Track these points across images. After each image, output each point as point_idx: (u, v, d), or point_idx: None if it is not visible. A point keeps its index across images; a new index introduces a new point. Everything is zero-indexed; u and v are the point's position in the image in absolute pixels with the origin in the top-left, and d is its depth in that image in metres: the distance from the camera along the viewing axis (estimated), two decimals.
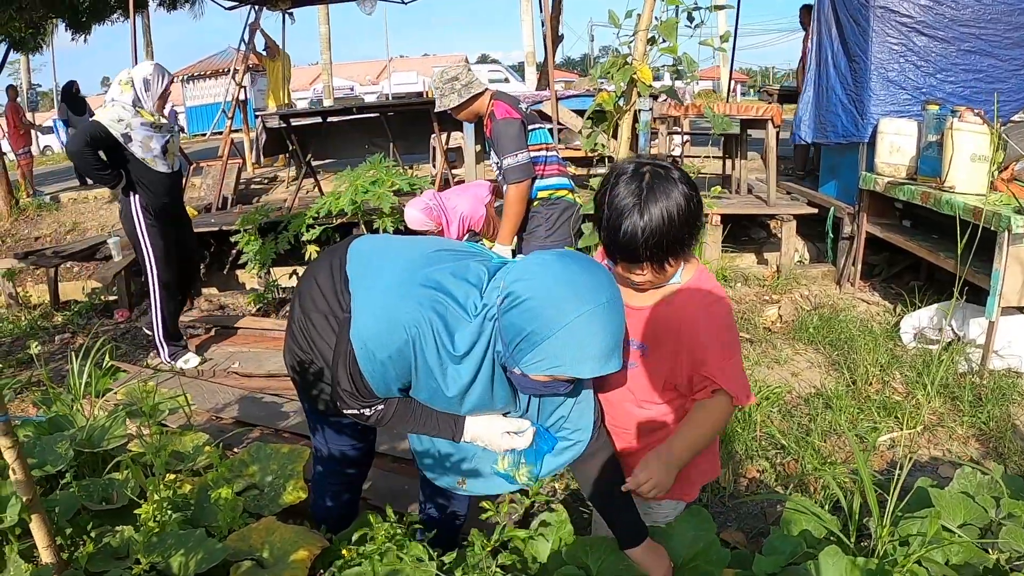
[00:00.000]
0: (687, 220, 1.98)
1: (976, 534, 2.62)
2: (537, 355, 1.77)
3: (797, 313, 6.21)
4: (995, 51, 6.50)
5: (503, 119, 4.33)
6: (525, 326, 1.77)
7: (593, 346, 1.75)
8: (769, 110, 7.31)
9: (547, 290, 1.76)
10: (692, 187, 2.01)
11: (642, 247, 1.96)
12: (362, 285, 2.08)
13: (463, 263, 2.02)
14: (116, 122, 5.06)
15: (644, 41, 3.75)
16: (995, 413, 4.45)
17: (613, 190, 1.99)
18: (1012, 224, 4.76)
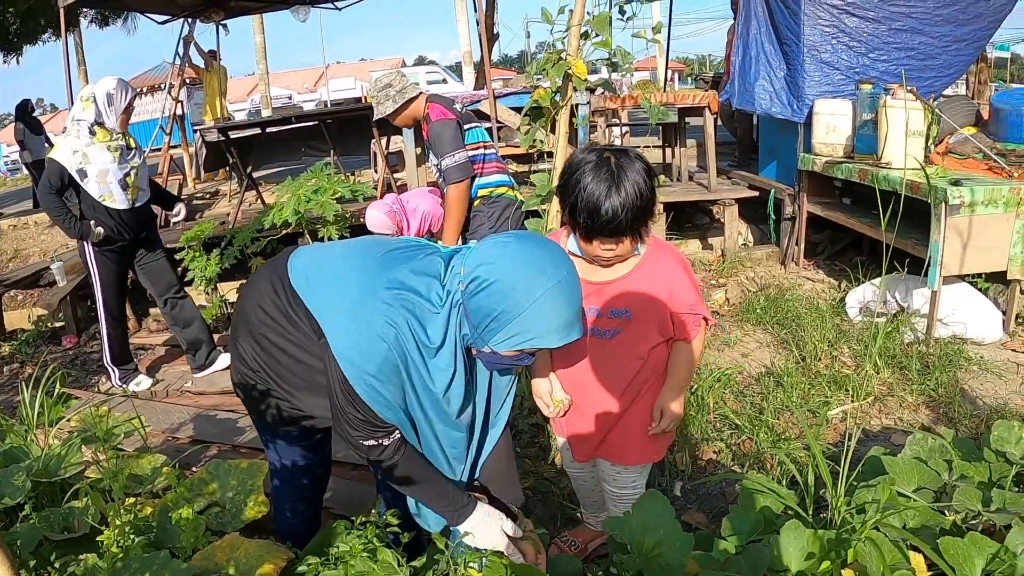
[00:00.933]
0: (651, 190, 2.28)
1: (931, 497, 2.69)
2: (508, 332, 1.87)
3: (744, 295, 6.31)
4: (925, 28, 6.65)
5: (438, 120, 4.37)
6: (495, 307, 1.86)
7: (559, 318, 1.86)
8: (706, 97, 7.40)
9: (511, 271, 1.85)
10: (646, 162, 2.30)
11: (624, 221, 2.23)
12: (324, 305, 2.08)
13: (419, 259, 2.08)
14: (71, 155, 4.83)
15: (577, 36, 3.78)
16: (943, 379, 4.56)
17: (583, 178, 2.23)
18: (949, 196, 4.87)
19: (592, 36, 3.73)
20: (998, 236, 5.05)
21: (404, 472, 2.18)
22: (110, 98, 4.90)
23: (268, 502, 2.85)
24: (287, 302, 2.19)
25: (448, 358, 2.01)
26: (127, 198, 5.03)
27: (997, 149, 6.05)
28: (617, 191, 2.19)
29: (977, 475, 2.82)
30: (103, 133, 4.90)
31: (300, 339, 2.17)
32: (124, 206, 5.02)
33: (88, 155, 4.84)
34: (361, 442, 2.11)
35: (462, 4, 22.02)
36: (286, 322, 2.19)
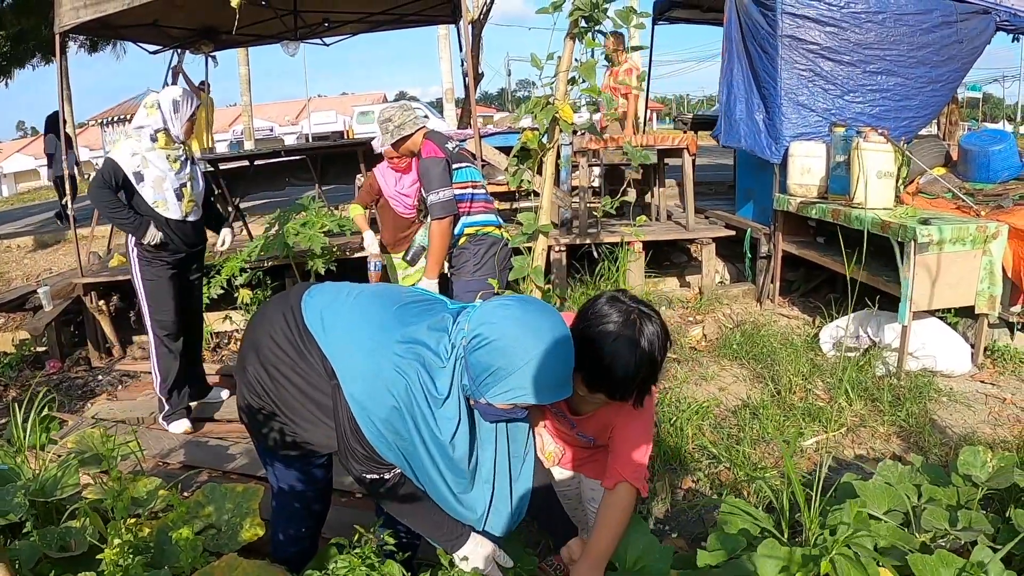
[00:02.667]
0: (663, 358, 2.31)
1: (900, 519, 2.81)
2: (503, 387, 2.04)
3: (720, 331, 6.43)
4: (900, 70, 6.85)
5: (428, 157, 4.50)
6: (493, 363, 2.02)
7: (551, 377, 2.04)
8: (684, 139, 7.57)
9: (510, 332, 2.03)
10: (663, 324, 2.32)
11: (635, 389, 2.31)
12: (340, 351, 2.24)
13: (434, 314, 2.26)
14: (130, 156, 4.64)
15: (565, 82, 3.94)
16: (914, 410, 4.70)
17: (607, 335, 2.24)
18: (918, 234, 5.04)
19: (579, 82, 3.89)
20: (966, 272, 5.22)
21: (402, 503, 2.33)
22: (176, 105, 4.75)
23: (263, 525, 2.94)
24: (300, 338, 2.34)
25: (454, 408, 2.15)
26: (181, 209, 4.82)
27: (965, 189, 6.25)
28: (638, 362, 2.22)
29: (945, 498, 2.96)
30: (165, 140, 4.73)
31: (310, 375, 2.32)
32: (177, 216, 4.80)
33: (147, 159, 4.67)
34: (364, 475, 2.26)
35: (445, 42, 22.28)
36: (297, 357, 2.34)
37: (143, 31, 9.67)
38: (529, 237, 4.06)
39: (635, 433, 2.53)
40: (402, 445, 2.15)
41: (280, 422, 2.43)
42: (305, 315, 2.35)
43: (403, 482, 2.28)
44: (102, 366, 7.09)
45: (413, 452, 2.16)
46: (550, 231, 4.04)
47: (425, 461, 2.18)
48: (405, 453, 2.17)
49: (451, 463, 2.21)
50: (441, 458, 2.19)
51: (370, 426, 2.13)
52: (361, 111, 33.18)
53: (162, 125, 4.71)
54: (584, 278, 7.23)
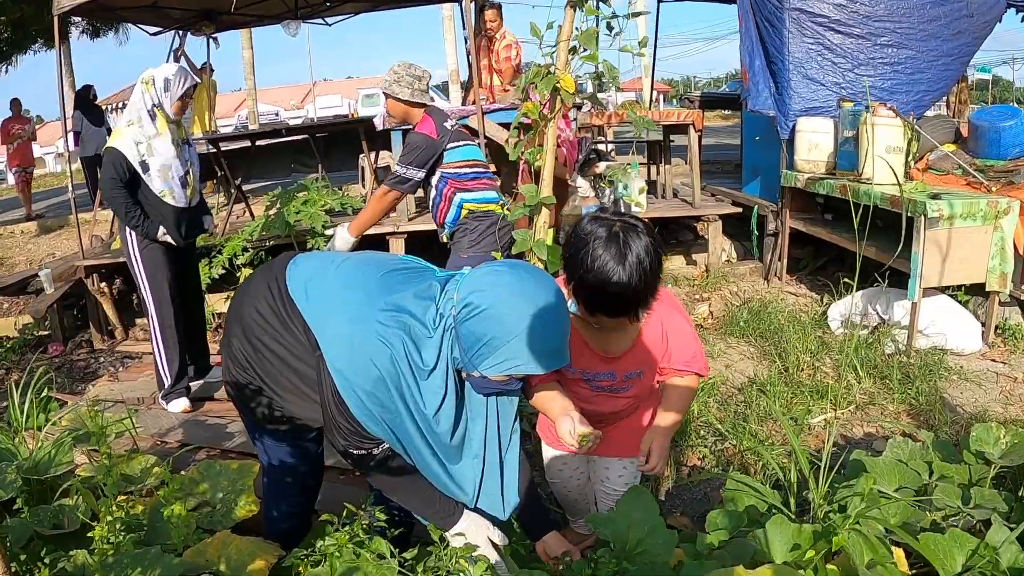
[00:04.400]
0: (659, 267, 2.28)
1: (911, 496, 2.74)
2: (498, 357, 1.96)
3: (727, 309, 6.36)
4: (911, 43, 6.72)
5: (418, 132, 4.45)
6: (485, 333, 1.95)
7: (547, 344, 1.96)
8: (690, 115, 7.49)
9: (503, 299, 1.95)
10: (653, 235, 2.29)
11: (632, 305, 2.26)
12: (323, 320, 2.16)
13: (421, 281, 2.17)
14: (134, 146, 4.51)
15: (566, 51, 3.83)
16: (923, 388, 4.63)
17: (592, 253, 2.22)
18: (928, 209, 4.96)
19: (580, 51, 3.79)
20: (976, 249, 5.14)
21: (391, 481, 2.26)
22: (167, 83, 4.56)
23: (258, 503, 2.88)
24: (283, 308, 2.25)
25: (440, 380, 2.08)
26: (186, 196, 4.75)
27: (976, 165, 6.15)
28: (628, 275, 2.18)
29: (957, 476, 2.89)
30: (163, 118, 4.60)
31: (294, 346, 2.24)
32: (183, 204, 4.73)
33: (152, 147, 4.56)
34: (351, 451, 2.19)
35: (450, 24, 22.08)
36: (281, 327, 2.26)
37: (142, 13, 9.57)
38: (532, 210, 3.97)
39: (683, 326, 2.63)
40: (388, 418, 2.07)
41: (266, 395, 2.36)
42: (289, 284, 2.27)
43: (392, 456, 2.21)
44: (104, 348, 7.06)
45: (400, 425, 2.09)
46: (552, 203, 3.95)
47: (413, 434, 2.11)
48: (392, 426, 2.09)
49: (436, 437, 2.14)
50: (428, 431, 2.12)
51: (354, 398, 2.05)
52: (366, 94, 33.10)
53: (157, 101, 4.58)
54: None
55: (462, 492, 2.26)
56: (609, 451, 2.82)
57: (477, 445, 2.25)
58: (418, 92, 4.48)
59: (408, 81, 4.46)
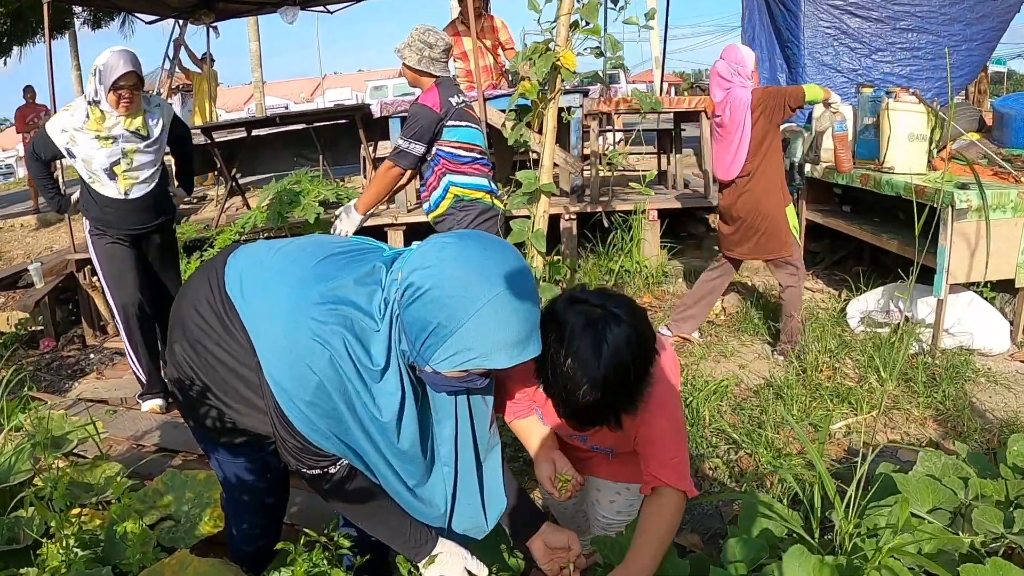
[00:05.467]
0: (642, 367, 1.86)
1: (946, 519, 2.49)
2: (448, 349, 1.61)
3: (741, 305, 6.09)
4: (932, 27, 6.46)
5: (421, 104, 4.17)
6: (430, 319, 1.60)
7: (507, 332, 1.61)
8: (702, 102, 7.19)
9: (450, 276, 1.61)
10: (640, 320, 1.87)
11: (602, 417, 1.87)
12: (255, 321, 1.84)
13: (363, 264, 1.82)
14: (60, 132, 4.26)
15: (566, 25, 3.54)
16: (950, 392, 4.36)
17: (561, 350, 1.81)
18: (956, 200, 4.68)
19: (582, 24, 3.50)
20: (1006, 242, 4.83)
21: (353, 503, 1.94)
22: (99, 73, 4.14)
23: (224, 518, 2.63)
24: (222, 308, 1.94)
25: (395, 381, 1.75)
26: (118, 188, 4.39)
27: (1002, 155, 5.86)
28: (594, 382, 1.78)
29: (995, 493, 2.62)
30: (97, 113, 4.23)
31: (237, 351, 1.93)
32: (114, 194, 4.39)
33: (75, 139, 4.27)
34: (304, 471, 1.87)
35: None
36: (222, 330, 1.95)
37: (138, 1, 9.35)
38: (530, 198, 3.68)
39: (661, 425, 2.09)
40: (338, 430, 1.75)
41: (215, 406, 2.06)
42: (226, 280, 1.94)
43: (351, 476, 1.89)
44: (95, 344, 6.86)
45: (352, 439, 1.77)
46: (553, 191, 3.67)
47: (368, 449, 1.79)
48: (344, 439, 1.77)
49: (396, 450, 1.81)
50: (385, 444, 1.80)
51: (295, 410, 1.73)
52: (375, 86, 32.86)
53: (93, 96, 4.22)
54: (596, 248, 6.86)
55: (432, 510, 1.95)
56: (600, 472, 2.48)
57: (447, 452, 1.93)
58: (427, 60, 4.18)
59: (418, 47, 4.17)
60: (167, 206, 4.73)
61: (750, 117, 4.73)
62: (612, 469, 2.44)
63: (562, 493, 2.17)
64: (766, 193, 4.87)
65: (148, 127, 4.44)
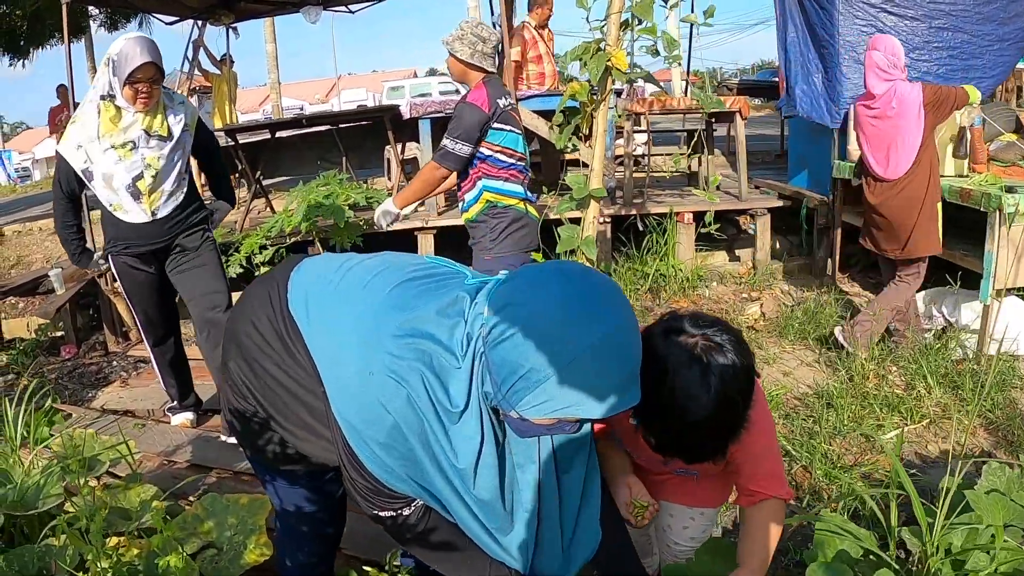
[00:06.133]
0: (748, 396, 1.78)
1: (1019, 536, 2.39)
2: (538, 396, 1.45)
3: (779, 309, 5.98)
4: (967, 26, 6.34)
5: (469, 103, 4.03)
6: (521, 362, 1.44)
7: (607, 381, 1.44)
8: (736, 102, 7.08)
9: (545, 317, 1.44)
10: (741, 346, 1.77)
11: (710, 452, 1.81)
12: (323, 349, 1.72)
13: (445, 293, 1.67)
14: (75, 150, 3.69)
15: (617, 24, 3.43)
16: (999, 400, 4.27)
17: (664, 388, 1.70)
18: (1003, 203, 4.56)
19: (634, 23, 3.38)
20: None
21: (432, 548, 1.81)
22: (113, 64, 3.57)
23: (271, 545, 2.50)
24: (284, 327, 1.82)
25: (474, 423, 1.61)
26: (143, 209, 3.81)
27: None
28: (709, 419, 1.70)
29: None
30: (111, 110, 3.65)
31: (300, 375, 1.80)
32: (141, 219, 3.83)
33: (91, 155, 3.68)
34: (376, 513, 1.75)
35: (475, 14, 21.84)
36: (283, 351, 1.82)
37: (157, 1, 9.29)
38: (579, 204, 3.56)
39: (760, 443, 2.00)
40: (413, 473, 1.63)
41: (274, 430, 1.92)
42: (290, 297, 1.81)
43: (427, 517, 1.75)
44: (118, 351, 6.76)
45: (429, 482, 1.64)
46: (603, 196, 3.55)
47: (446, 493, 1.65)
48: (419, 481, 1.65)
49: (474, 496, 1.67)
50: (463, 490, 1.66)
51: (367, 452, 1.61)
52: (391, 86, 32.84)
53: (107, 90, 3.64)
54: (630, 252, 6.75)
55: (512, 559, 1.79)
56: (675, 497, 2.35)
57: (530, 500, 1.77)
58: (479, 55, 4.06)
59: (471, 40, 4.04)
60: (190, 219, 4.10)
61: (922, 113, 4.63)
62: (690, 492, 2.33)
63: (638, 519, 2.06)
64: (925, 191, 4.74)
65: (168, 127, 3.86)
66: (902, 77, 4.73)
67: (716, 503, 2.37)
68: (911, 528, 2.38)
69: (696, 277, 6.49)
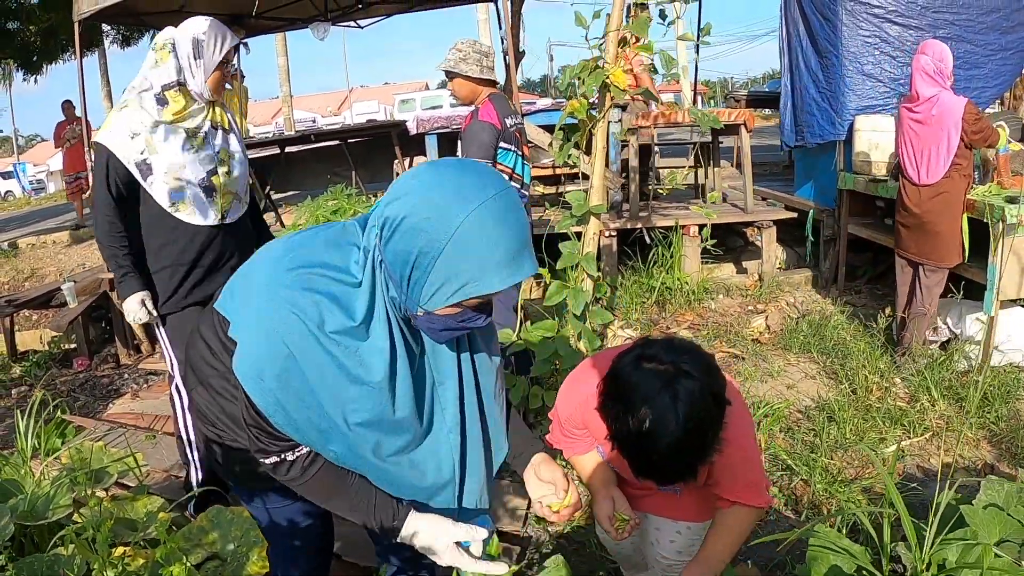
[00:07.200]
0: (718, 420, 1.82)
1: (1015, 552, 2.39)
2: (434, 280, 1.48)
3: (784, 321, 5.98)
4: (970, 36, 6.37)
5: (483, 121, 4.03)
6: (410, 248, 1.47)
7: (493, 248, 1.46)
8: (742, 114, 7.09)
9: (424, 201, 1.47)
10: (711, 371, 1.82)
11: (679, 474, 1.85)
12: (234, 309, 1.70)
13: (332, 227, 1.71)
14: (129, 140, 3.12)
15: (615, 42, 3.46)
16: (1003, 412, 4.27)
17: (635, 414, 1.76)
18: (1006, 214, 4.56)
19: (631, 41, 3.41)
20: None
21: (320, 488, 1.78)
22: (198, 46, 3.17)
23: None
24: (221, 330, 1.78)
25: (382, 333, 1.59)
26: (214, 210, 3.28)
27: None
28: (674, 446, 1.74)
29: None
30: (181, 100, 3.17)
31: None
32: (210, 220, 3.28)
33: (152, 143, 3.13)
34: (263, 459, 1.74)
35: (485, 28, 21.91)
36: (223, 352, 1.80)
37: (169, 18, 9.36)
38: (579, 220, 3.60)
39: (735, 457, 2.04)
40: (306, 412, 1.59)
41: (243, 447, 1.89)
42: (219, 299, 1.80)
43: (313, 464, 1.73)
44: (130, 364, 6.83)
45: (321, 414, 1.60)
46: (603, 213, 3.58)
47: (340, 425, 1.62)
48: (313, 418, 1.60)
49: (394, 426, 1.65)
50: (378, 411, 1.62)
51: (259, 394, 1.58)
52: (402, 99, 32.96)
53: (175, 77, 3.17)
54: (636, 265, 6.76)
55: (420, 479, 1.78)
56: (660, 511, 2.40)
57: (452, 416, 1.78)
58: (487, 69, 4.10)
59: (476, 58, 4.07)
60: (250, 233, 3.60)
61: (960, 127, 4.69)
62: (675, 506, 2.36)
63: (620, 532, 2.12)
64: (957, 201, 4.82)
65: (230, 122, 3.46)
66: (947, 86, 4.78)
67: (702, 517, 2.38)
68: (905, 543, 2.40)
69: (702, 290, 6.50)
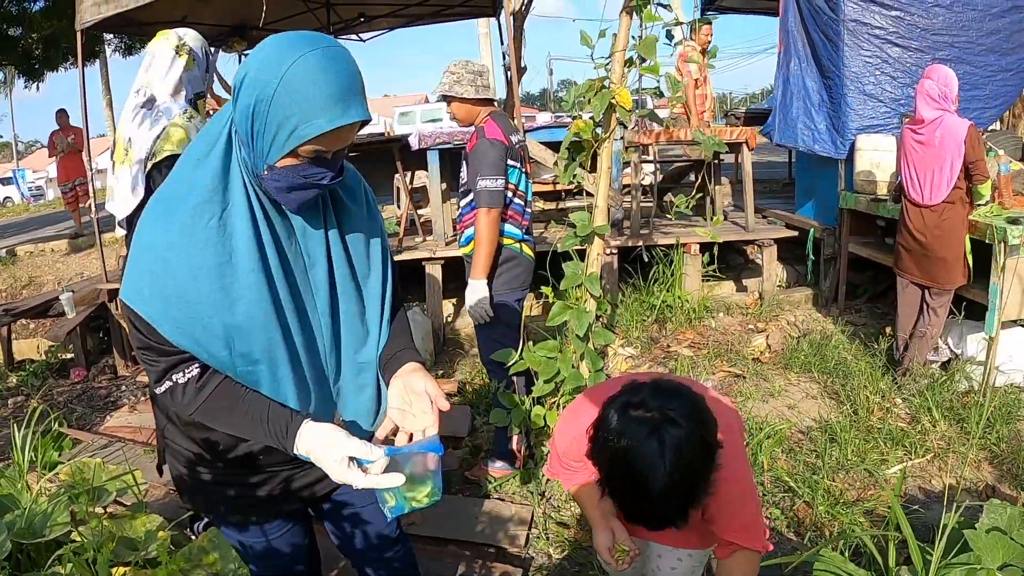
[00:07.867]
0: (708, 464, 1.79)
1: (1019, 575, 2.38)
2: (268, 128, 1.54)
3: (785, 341, 5.96)
4: (969, 58, 6.40)
5: (491, 139, 3.94)
6: (250, 102, 1.54)
7: (319, 88, 1.51)
8: (743, 133, 7.09)
9: (261, 57, 1.55)
10: (699, 415, 1.80)
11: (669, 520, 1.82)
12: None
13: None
14: None
15: (622, 63, 3.45)
16: (1004, 433, 4.26)
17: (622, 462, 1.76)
18: (1008, 235, 4.56)
19: (637, 62, 3.40)
20: None
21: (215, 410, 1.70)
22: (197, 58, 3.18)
23: None
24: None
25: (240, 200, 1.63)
26: None
27: None
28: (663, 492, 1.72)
29: None
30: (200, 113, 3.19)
31: None
32: None
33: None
34: (156, 389, 1.69)
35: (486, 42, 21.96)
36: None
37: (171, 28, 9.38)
38: (583, 240, 3.58)
39: (732, 495, 2.02)
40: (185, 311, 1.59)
41: (223, 475, 1.91)
42: None
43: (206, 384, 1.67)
44: (127, 375, 6.81)
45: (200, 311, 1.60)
46: (607, 233, 3.57)
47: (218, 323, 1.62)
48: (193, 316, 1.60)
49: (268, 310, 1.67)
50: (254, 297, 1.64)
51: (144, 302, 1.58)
52: (402, 112, 32.86)
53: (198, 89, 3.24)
54: (636, 283, 6.76)
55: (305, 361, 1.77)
56: (663, 539, 2.38)
57: (323, 300, 1.79)
58: (482, 88, 4.04)
59: (469, 79, 4.02)
60: None
61: (963, 150, 4.69)
62: (677, 534, 2.34)
63: (620, 563, 2.13)
64: (960, 226, 4.82)
65: None
66: (951, 109, 4.78)
67: (704, 544, 2.38)
68: (910, 568, 2.39)
69: (703, 308, 6.49)
